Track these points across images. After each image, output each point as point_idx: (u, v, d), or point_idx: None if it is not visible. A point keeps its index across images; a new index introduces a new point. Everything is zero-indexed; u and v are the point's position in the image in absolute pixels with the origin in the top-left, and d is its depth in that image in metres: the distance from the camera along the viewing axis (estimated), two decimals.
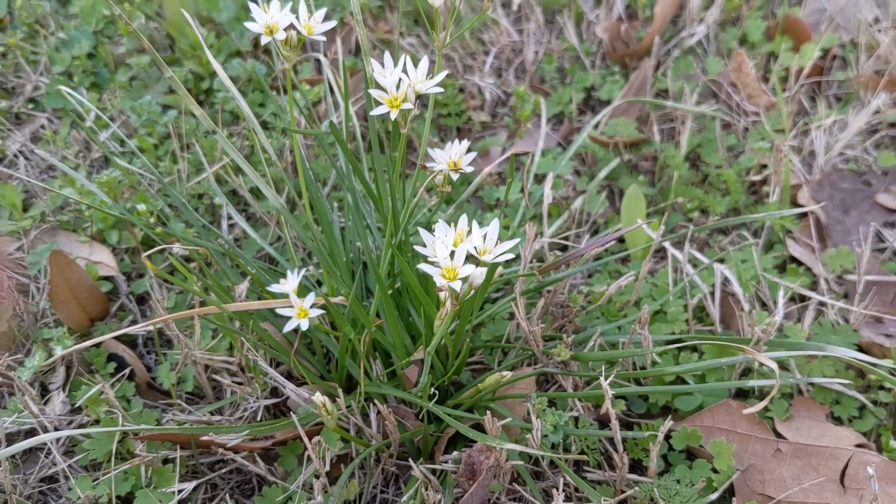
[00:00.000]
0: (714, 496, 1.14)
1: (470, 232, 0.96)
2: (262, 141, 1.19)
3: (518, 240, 0.99)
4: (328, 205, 1.46)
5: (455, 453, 1.16)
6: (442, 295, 1.07)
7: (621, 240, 1.62)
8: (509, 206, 1.66)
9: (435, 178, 1.09)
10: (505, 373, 1.16)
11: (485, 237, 0.95)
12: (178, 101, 1.79)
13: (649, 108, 1.86)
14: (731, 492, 1.17)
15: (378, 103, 1.01)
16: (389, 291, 1.28)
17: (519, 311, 1.23)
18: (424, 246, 0.95)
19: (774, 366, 0.98)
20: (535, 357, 1.28)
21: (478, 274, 0.89)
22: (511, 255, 0.93)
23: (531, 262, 1.44)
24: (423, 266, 0.89)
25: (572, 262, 1.37)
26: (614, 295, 1.42)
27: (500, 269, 1.35)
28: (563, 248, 1.62)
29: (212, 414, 1.29)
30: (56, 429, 1.24)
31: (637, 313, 1.39)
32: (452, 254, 0.91)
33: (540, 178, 1.74)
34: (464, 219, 0.98)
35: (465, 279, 0.90)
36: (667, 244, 1.52)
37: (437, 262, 0.90)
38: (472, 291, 0.91)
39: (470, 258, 0.93)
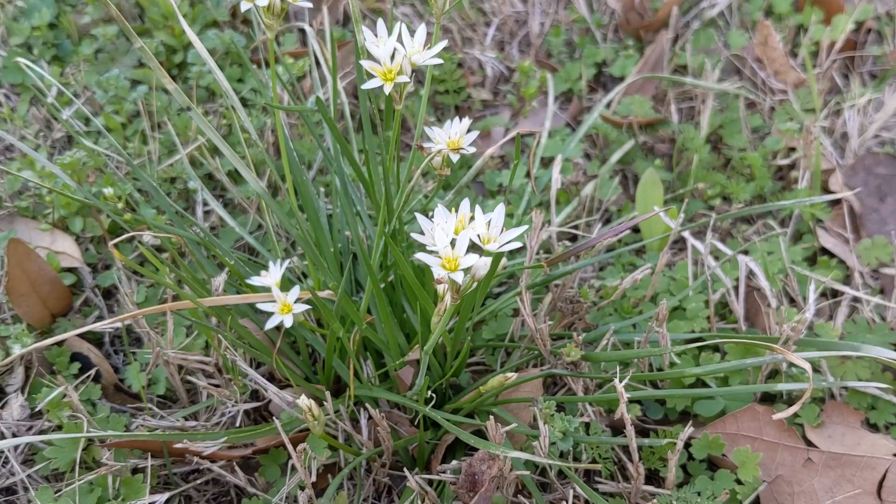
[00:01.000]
0: None
1: (472, 218, 0.96)
2: (241, 119, 1.15)
3: (525, 227, 1.00)
4: (314, 190, 1.44)
5: (454, 462, 1.15)
6: (440, 288, 1.04)
7: (636, 229, 1.61)
8: (513, 193, 1.64)
9: (433, 159, 1.09)
10: (509, 374, 1.16)
11: (489, 224, 0.95)
12: (149, 76, 1.76)
13: (666, 85, 1.84)
14: None
15: (370, 76, 1.00)
16: (382, 285, 1.27)
17: (524, 306, 1.23)
18: (421, 234, 0.95)
19: (807, 366, 0.97)
20: (542, 357, 1.27)
21: (481, 264, 0.88)
22: (518, 244, 0.92)
23: (538, 253, 1.43)
24: (420, 256, 0.89)
25: (583, 254, 1.36)
26: (628, 289, 1.41)
27: (503, 261, 1.35)
28: (573, 239, 1.61)
29: (186, 419, 1.28)
30: (14, 435, 1.22)
31: (653, 310, 1.38)
32: (453, 242, 0.91)
33: (547, 162, 1.72)
34: (466, 203, 0.97)
35: (467, 270, 0.89)
36: (686, 234, 1.51)
37: (436, 251, 0.90)
38: (475, 284, 0.91)
39: (472, 248, 0.91)
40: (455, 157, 1.10)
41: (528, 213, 1.53)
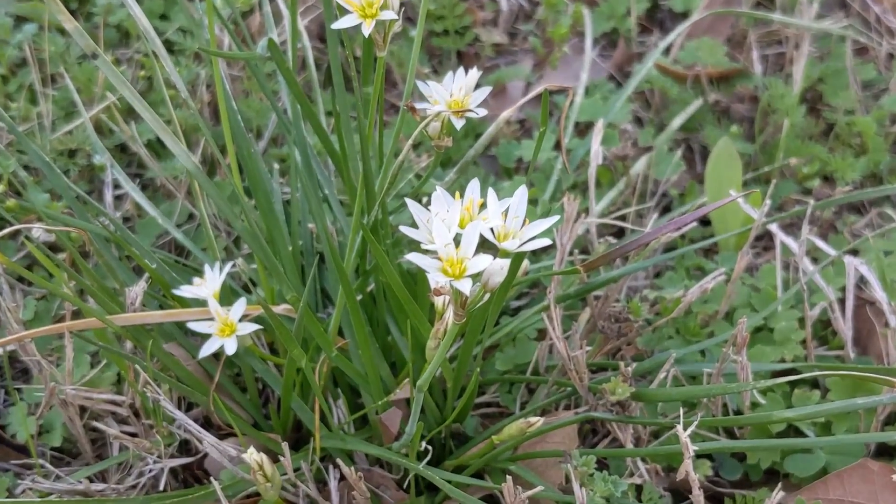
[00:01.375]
0: None
1: (483, 206, 0.97)
2: (165, 70, 1.13)
3: (555, 218, 0.99)
4: (265, 167, 1.43)
5: None
6: (439, 302, 1.04)
7: (705, 221, 1.61)
8: (538, 171, 1.63)
9: (428, 125, 1.08)
10: (532, 419, 1.17)
11: (506, 213, 0.95)
12: (39, 10, 1.75)
13: (746, 23, 1.85)
14: None
15: (343, 11, 1.00)
16: (359, 296, 1.26)
17: (554, 326, 1.23)
18: (414, 227, 0.96)
19: None
20: (578, 396, 1.28)
21: (496, 269, 0.89)
22: (545, 242, 0.93)
23: (571, 253, 1.44)
24: (412, 257, 0.89)
25: (632, 255, 1.37)
26: (695, 303, 1.42)
27: (525, 264, 1.32)
28: (619, 234, 1.60)
29: (91, 480, 1.27)
30: None
31: (729, 331, 1.38)
32: (457, 239, 0.91)
33: (584, 129, 1.71)
34: (475, 185, 0.98)
35: (476, 276, 0.90)
36: (774, 227, 1.51)
37: (433, 250, 0.91)
38: (487, 296, 0.91)
39: (484, 246, 0.92)
40: (459, 123, 1.10)
41: (558, 200, 1.51)
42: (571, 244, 1.30)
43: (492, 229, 0.93)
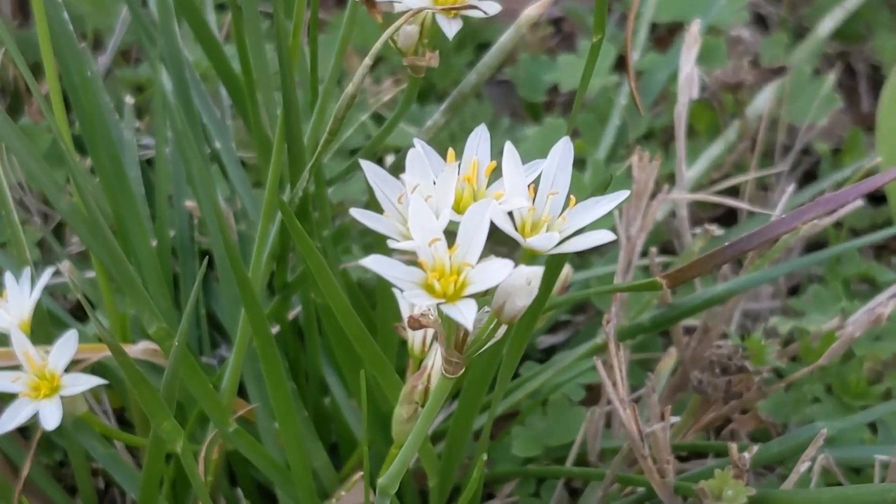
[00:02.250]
0: None
1: (497, 171, 1.01)
2: None
3: (622, 194, 1.01)
4: (110, 101, 1.51)
5: None
6: (416, 339, 1.17)
7: (876, 196, 1.70)
8: (586, 109, 1.75)
9: (398, 30, 1.17)
10: None
11: (535, 186, 1.01)
12: None
13: None
14: None
15: None
16: (275, 328, 1.36)
17: (616, 382, 1.32)
18: (374, 208, 1.00)
19: None
20: (656, 502, 1.37)
21: (519, 284, 0.93)
22: (607, 236, 0.95)
23: (645, 253, 1.50)
24: (371, 263, 0.92)
25: (750, 258, 1.44)
26: (860, 341, 1.47)
27: (565, 272, 1.45)
28: (726, 218, 1.69)
29: None
30: None
31: None
32: (451, 230, 0.95)
33: (665, 35, 1.85)
34: (481, 135, 1.03)
35: (482, 296, 0.94)
36: None
37: (409, 250, 0.96)
38: (499, 331, 0.97)
39: (497, 244, 0.99)
40: (451, 26, 1.16)
41: (622, 160, 1.65)
42: (645, 237, 1.41)
43: (511, 214, 0.98)
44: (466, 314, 0.91)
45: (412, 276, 0.93)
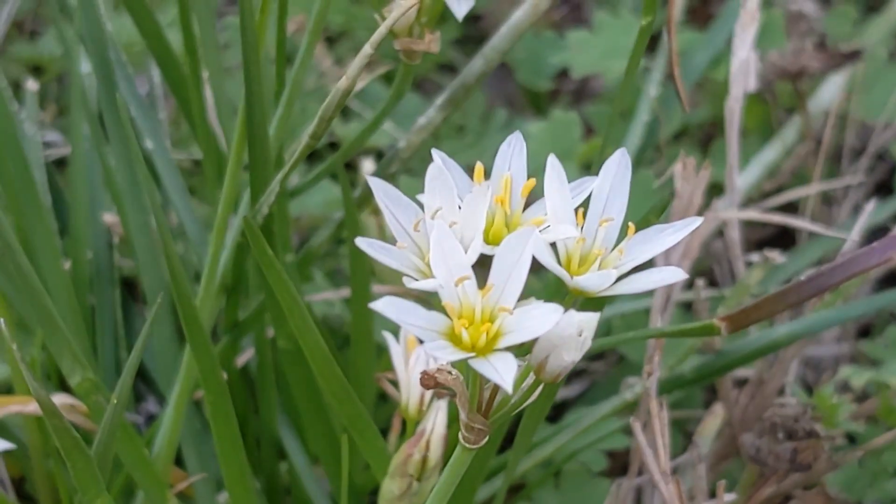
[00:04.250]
0: None
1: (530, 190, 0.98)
2: None
3: (695, 221, 0.96)
4: (6, 85, 1.45)
5: None
6: (413, 398, 1.23)
7: None
8: (601, 99, 1.57)
9: (390, 6, 1.17)
10: None
11: (584, 211, 0.98)
12: None
13: None
14: None
15: None
16: (224, 375, 1.28)
17: (658, 449, 1.30)
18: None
19: None
20: None
21: (568, 334, 0.90)
22: (680, 276, 0.92)
23: (689, 286, 1.47)
24: (383, 306, 0.86)
25: (825, 294, 1.37)
26: None
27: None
28: (779, 240, 1.62)
29: None
30: None
31: None
32: (483, 264, 0.92)
33: (697, 10, 1.76)
34: (515, 145, 1.00)
35: (518, 349, 0.89)
36: None
37: (429, 287, 0.92)
38: (536, 391, 0.96)
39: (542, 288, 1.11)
40: (461, 6, 1.15)
41: (649, 163, 1.60)
42: (691, 265, 1.39)
43: (553, 246, 0.93)
44: (504, 373, 0.87)
45: (434, 323, 0.91)
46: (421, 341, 0.91)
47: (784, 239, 1.64)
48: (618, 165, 0.99)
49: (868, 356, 1.52)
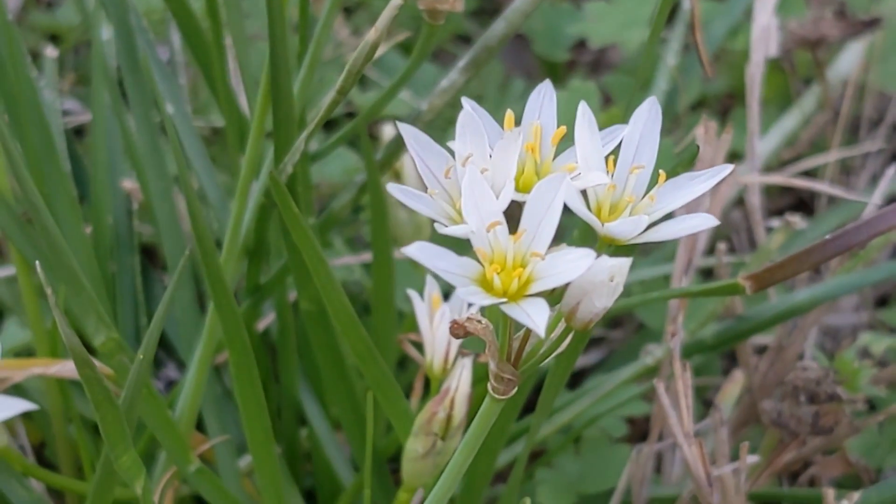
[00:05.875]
0: None
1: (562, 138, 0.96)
2: None
3: (725, 169, 0.96)
4: (26, 51, 1.44)
5: None
6: (438, 354, 1.21)
7: None
8: (620, 69, 1.60)
9: None
10: None
11: (614, 158, 0.96)
12: None
13: None
14: None
15: None
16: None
17: (681, 412, 1.27)
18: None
19: None
20: None
21: (600, 280, 0.89)
22: (712, 222, 0.91)
23: (710, 251, 1.46)
24: (413, 251, 0.86)
25: (840, 260, 1.38)
26: None
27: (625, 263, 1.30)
28: (798, 208, 1.61)
29: None
30: None
31: None
32: (512, 212, 0.92)
33: None
34: (545, 93, 1.05)
35: (551, 294, 0.89)
36: None
37: (460, 233, 0.91)
38: (566, 341, 0.96)
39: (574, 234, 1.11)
40: None
41: (669, 137, 1.54)
42: (712, 233, 1.37)
43: (584, 193, 0.93)
44: (536, 317, 0.85)
45: (466, 268, 0.90)
46: (456, 287, 0.89)
47: (802, 209, 1.63)
48: (648, 113, 0.97)
49: (886, 324, 1.51)
